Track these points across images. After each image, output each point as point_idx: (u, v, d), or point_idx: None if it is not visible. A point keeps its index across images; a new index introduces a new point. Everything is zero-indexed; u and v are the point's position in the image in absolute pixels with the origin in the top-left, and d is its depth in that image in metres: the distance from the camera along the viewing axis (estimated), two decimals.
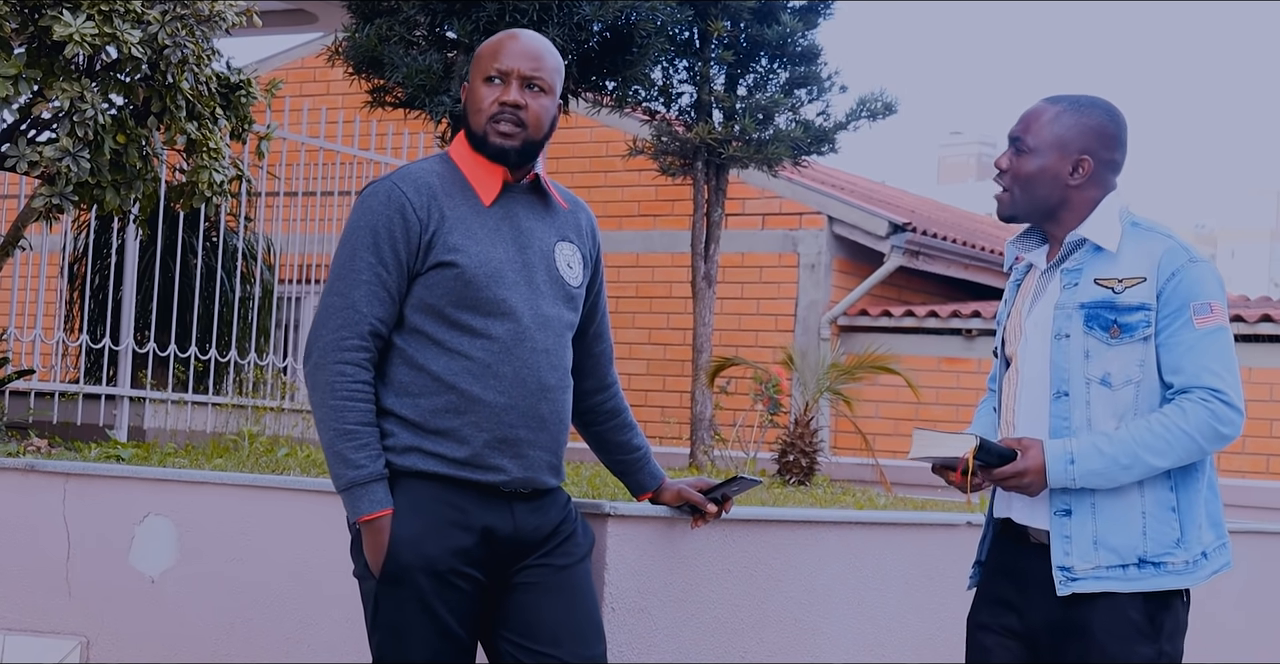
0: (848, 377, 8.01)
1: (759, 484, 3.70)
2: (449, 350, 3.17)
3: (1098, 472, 3.19)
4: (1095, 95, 3.40)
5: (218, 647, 4.28)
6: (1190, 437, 3.18)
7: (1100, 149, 3.32)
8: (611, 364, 3.53)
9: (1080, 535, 3.24)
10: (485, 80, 3.24)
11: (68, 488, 4.49)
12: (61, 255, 8.67)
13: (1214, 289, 3.25)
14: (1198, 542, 3.25)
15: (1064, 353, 3.26)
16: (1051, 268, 3.36)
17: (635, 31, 7.98)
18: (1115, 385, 3.23)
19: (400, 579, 3.14)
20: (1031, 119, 3.34)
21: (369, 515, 3.13)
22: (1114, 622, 3.21)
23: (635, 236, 13.23)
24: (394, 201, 3.17)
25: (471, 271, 3.17)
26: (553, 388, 3.26)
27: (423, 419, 3.17)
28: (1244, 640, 6.25)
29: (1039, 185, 3.31)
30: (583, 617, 3.29)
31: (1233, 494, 10.55)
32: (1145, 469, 3.19)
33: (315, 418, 3.17)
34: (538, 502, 3.29)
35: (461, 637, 3.19)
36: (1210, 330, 3.21)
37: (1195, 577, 3.25)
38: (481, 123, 3.24)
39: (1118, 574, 3.22)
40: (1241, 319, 11.33)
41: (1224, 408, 3.20)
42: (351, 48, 7.95)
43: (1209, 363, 3.20)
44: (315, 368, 3.16)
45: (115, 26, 5.09)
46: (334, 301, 3.17)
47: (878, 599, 4.65)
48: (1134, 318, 3.22)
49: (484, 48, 3.28)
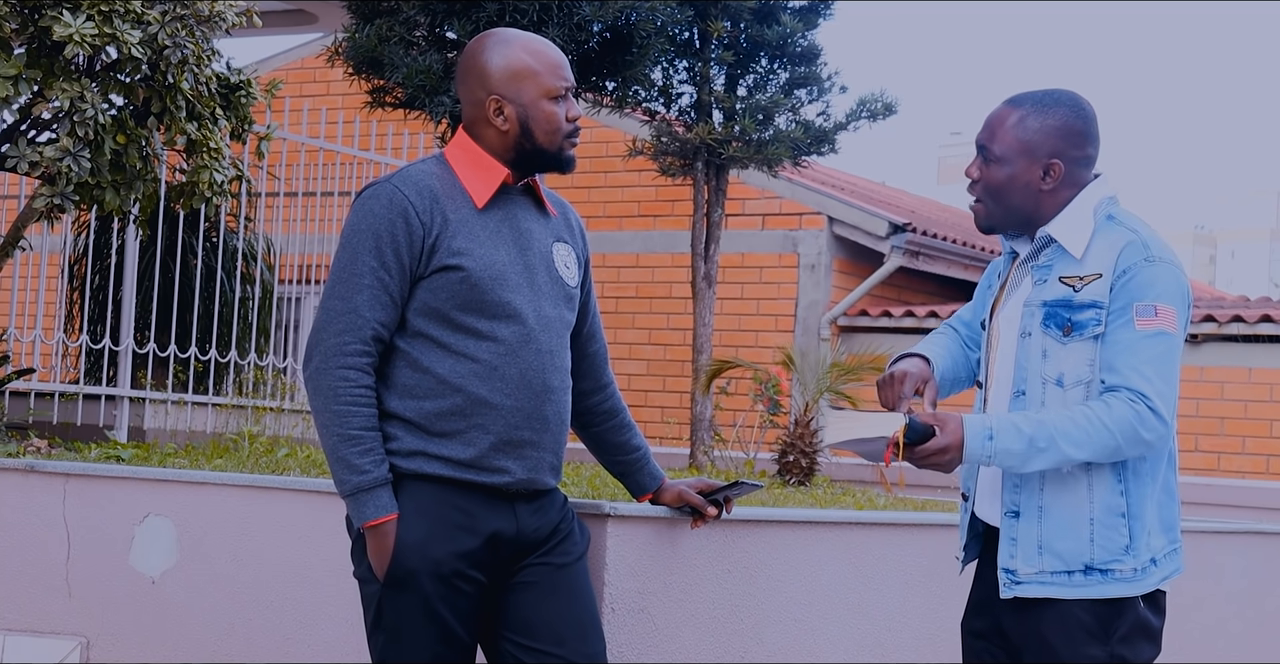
0: (848, 377, 8.01)
1: (760, 488, 3.69)
2: (454, 353, 3.17)
3: (1012, 451, 3.09)
4: (1058, 89, 3.30)
5: (218, 647, 4.28)
6: (1110, 433, 3.08)
7: (1069, 149, 3.23)
8: (607, 364, 3.53)
9: (1026, 539, 3.19)
10: (552, 99, 3.24)
11: (68, 488, 4.49)
12: (61, 255, 8.68)
13: (1165, 291, 3.14)
14: (1147, 548, 3.17)
15: (1025, 351, 3.21)
16: (1025, 262, 3.30)
17: (635, 32, 7.98)
18: (1067, 386, 3.16)
19: (405, 583, 3.13)
20: (995, 125, 3.26)
21: (374, 520, 3.12)
22: (1063, 624, 3.16)
23: (635, 237, 13.23)
24: (396, 205, 3.15)
25: (477, 275, 3.16)
26: (556, 389, 3.26)
27: (427, 421, 3.16)
28: (1244, 640, 6.24)
29: (1011, 195, 3.24)
30: (583, 615, 3.30)
31: (1232, 494, 10.58)
32: (1059, 457, 3.09)
33: (317, 423, 3.16)
34: (538, 502, 3.29)
35: (463, 639, 3.19)
36: (1150, 333, 3.11)
37: (1143, 584, 3.17)
38: (558, 141, 3.25)
39: (1062, 580, 3.16)
40: (1241, 319, 11.32)
41: (1149, 414, 3.09)
42: (351, 48, 7.95)
43: (1141, 366, 3.10)
44: (317, 372, 3.14)
45: (115, 26, 5.09)
46: (336, 305, 3.15)
47: (878, 599, 4.65)
48: (1085, 316, 3.15)
49: (532, 60, 3.23)
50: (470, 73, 3.27)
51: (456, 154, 3.29)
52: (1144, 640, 3.20)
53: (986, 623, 3.34)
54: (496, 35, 3.29)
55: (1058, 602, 3.17)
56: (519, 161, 3.27)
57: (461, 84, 3.30)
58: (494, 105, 3.23)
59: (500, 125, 3.24)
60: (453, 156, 3.29)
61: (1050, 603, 3.18)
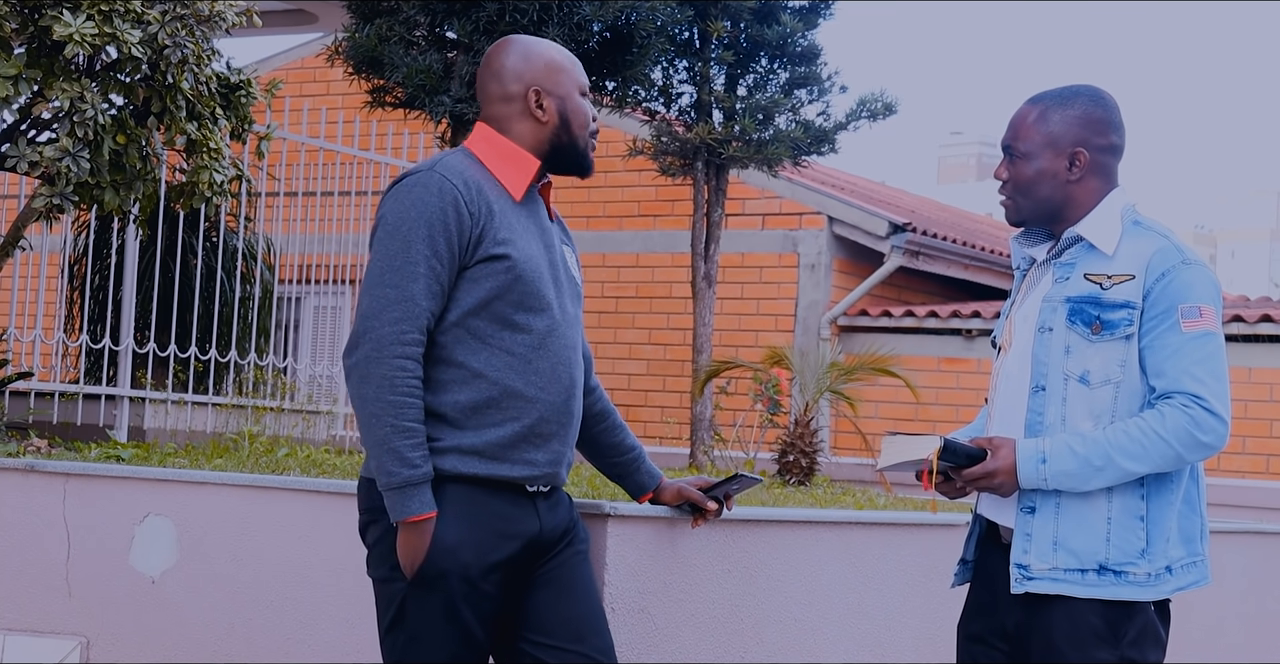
0: (848, 377, 8.01)
1: (759, 483, 3.69)
2: (488, 345, 3.15)
3: (1070, 473, 3.12)
4: (1078, 83, 3.34)
5: (218, 647, 4.28)
6: (1167, 442, 3.09)
7: (1093, 137, 3.25)
8: (592, 367, 3.54)
9: (1041, 534, 3.18)
10: (583, 95, 3.31)
11: (68, 488, 4.49)
12: (61, 255, 8.68)
13: (1205, 293, 3.16)
14: (1163, 555, 3.16)
15: (1045, 347, 3.20)
16: (1047, 261, 3.31)
17: (635, 31, 7.99)
18: (1094, 384, 3.16)
19: (433, 584, 3.11)
20: (1018, 124, 3.29)
21: (417, 516, 3.08)
22: (1072, 626, 3.15)
23: (635, 236, 13.23)
24: (447, 193, 3.12)
25: (521, 266, 3.16)
26: (577, 383, 3.29)
27: (461, 415, 3.14)
28: (1244, 640, 6.25)
29: (1040, 188, 3.26)
30: (595, 611, 3.32)
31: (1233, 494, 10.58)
32: (1119, 473, 3.11)
33: (364, 411, 3.08)
34: (552, 499, 3.30)
35: (481, 642, 3.19)
36: (1197, 335, 3.12)
37: (1156, 590, 3.16)
38: (586, 138, 3.31)
39: (1075, 578, 3.15)
40: (1241, 319, 11.32)
41: (1205, 415, 3.09)
42: (351, 48, 7.95)
43: (1192, 367, 3.10)
44: (367, 360, 3.07)
45: (115, 26, 5.09)
46: (389, 294, 3.09)
47: (878, 599, 4.65)
48: (1117, 315, 3.15)
49: (562, 58, 3.30)
50: (502, 69, 3.27)
51: (483, 148, 3.28)
52: (1152, 645, 3.20)
53: (986, 626, 3.33)
54: (518, 40, 3.33)
55: (1068, 603, 3.16)
56: (550, 156, 3.29)
57: (491, 82, 3.29)
58: (535, 96, 3.25)
59: (540, 116, 3.25)
60: (479, 150, 3.27)
61: (1060, 604, 3.17)
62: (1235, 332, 11.26)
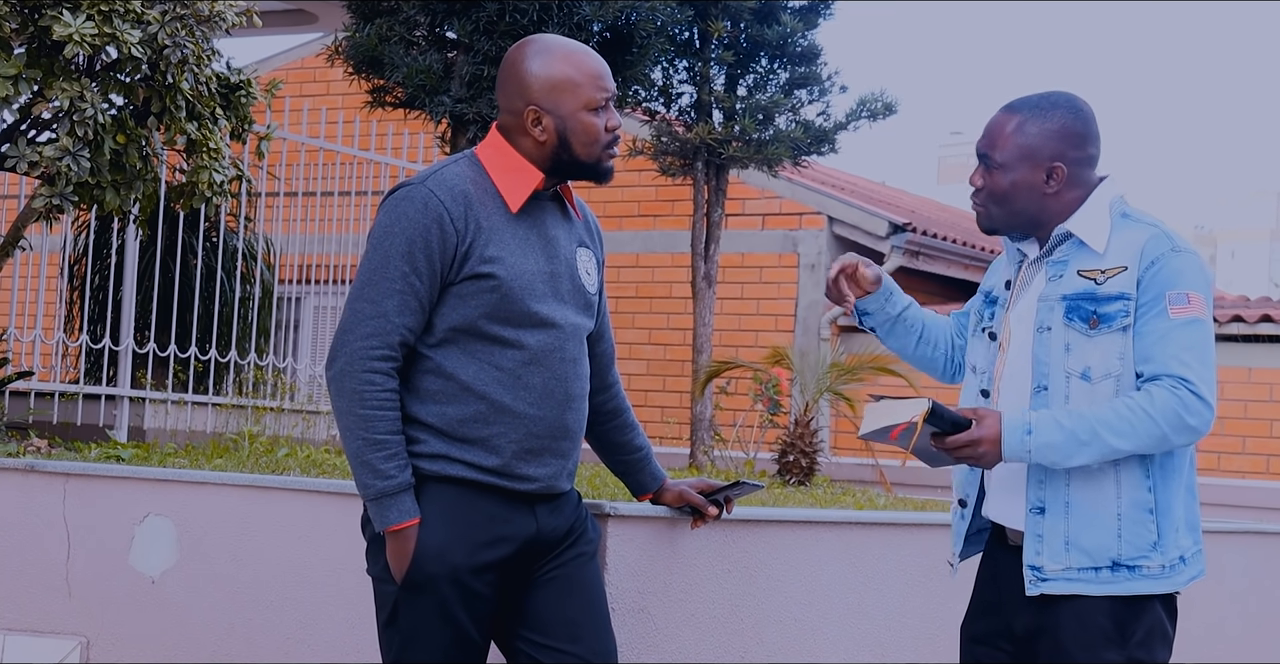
0: (848, 377, 8.01)
1: (761, 489, 3.69)
2: (479, 360, 3.16)
3: (1054, 445, 3.09)
4: (1054, 92, 3.31)
5: (218, 647, 4.28)
6: (1155, 421, 3.07)
7: (1070, 150, 3.23)
8: (613, 364, 3.53)
9: (1052, 535, 3.17)
10: (592, 110, 3.21)
11: (68, 488, 4.49)
12: (61, 255, 8.67)
13: (1194, 280, 3.15)
14: (1175, 546, 3.16)
15: (1045, 346, 3.20)
16: (1039, 259, 3.30)
17: (635, 31, 7.99)
18: (1095, 379, 3.15)
19: (423, 587, 3.12)
20: (995, 132, 3.26)
21: (397, 525, 3.11)
22: (1081, 627, 3.14)
23: (635, 237, 13.23)
24: (431, 210, 3.12)
25: (508, 284, 3.15)
26: (577, 397, 3.26)
27: (451, 427, 3.15)
28: (1244, 640, 6.24)
29: (1016, 200, 3.24)
30: (596, 612, 3.31)
31: (1233, 494, 10.58)
32: (1104, 449, 3.08)
33: (340, 424, 3.14)
34: (555, 502, 3.30)
35: (476, 641, 3.19)
36: (1185, 321, 3.11)
37: (1172, 582, 3.16)
38: (596, 152, 3.24)
39: (1089, 576, 3.15)
40: (1241, 319, 11.31)
41: (1193, 398, 3.07)
42: (351, 48, 7.95)
43: (1180, 353, 3.09)
44: (341, 375, 3.12)
45: (115, 26, 5.09)
46: (364, 308, 3.12)
47: (878, 599, 4.65)
48: (1112, 308, 3.14)
49: (573, 71, 3.20)
50: (510, 81, 3.24)
51: (490, 155, 3.26)
52: (1160, 644, 3.19)
53: (991, 627, 3.33)
54: (538, 42, 3.26)
55: (1077, 603, 3.16)
56: (555, 170, 3.26)
57: (501, 90, 3.27)
58: (532, 116, 3.21)
59: (538, 136, 3.22)
60: (486, 157, 3.26)
61: (1070, 604, 3.16)
62: (1235, 332, 11.25)
